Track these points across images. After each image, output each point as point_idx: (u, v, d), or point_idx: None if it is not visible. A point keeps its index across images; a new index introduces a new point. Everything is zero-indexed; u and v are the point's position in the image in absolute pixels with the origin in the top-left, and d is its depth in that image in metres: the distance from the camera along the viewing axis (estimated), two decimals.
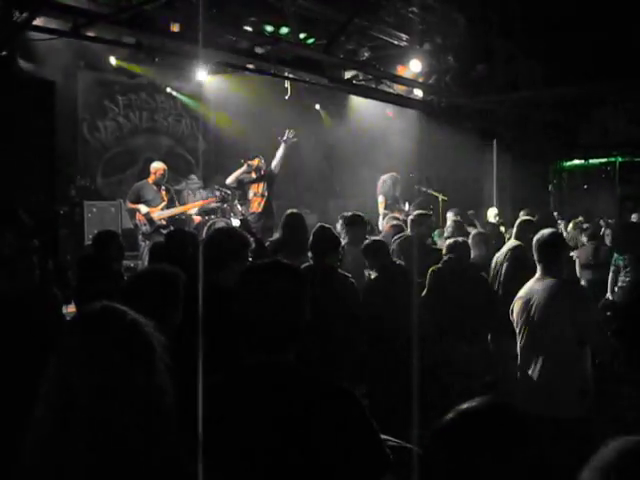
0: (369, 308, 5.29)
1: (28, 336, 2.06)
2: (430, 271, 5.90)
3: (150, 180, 9.37)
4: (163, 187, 9.41)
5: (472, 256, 6.30)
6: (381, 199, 10.94)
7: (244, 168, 9.87)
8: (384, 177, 11.07)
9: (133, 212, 9.35)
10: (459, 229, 7.97)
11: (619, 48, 10.49)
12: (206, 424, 1.69)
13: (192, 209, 10.11)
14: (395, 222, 7.83)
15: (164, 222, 9.26)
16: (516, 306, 4.42)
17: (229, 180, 9.91)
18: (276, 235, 6.82)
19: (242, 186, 10.06)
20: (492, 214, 11.79)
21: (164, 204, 9.30)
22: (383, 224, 8.83)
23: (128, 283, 3.37)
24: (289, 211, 6.74)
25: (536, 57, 11.28)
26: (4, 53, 6.75)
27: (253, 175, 9.89)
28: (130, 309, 1.55)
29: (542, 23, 10.45)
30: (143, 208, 9.14)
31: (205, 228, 9.46)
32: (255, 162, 9.81)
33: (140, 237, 9.30)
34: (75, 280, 5.92)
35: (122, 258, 6.25)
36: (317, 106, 14.11)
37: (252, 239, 4.39)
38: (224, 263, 3.84)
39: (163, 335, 1.59)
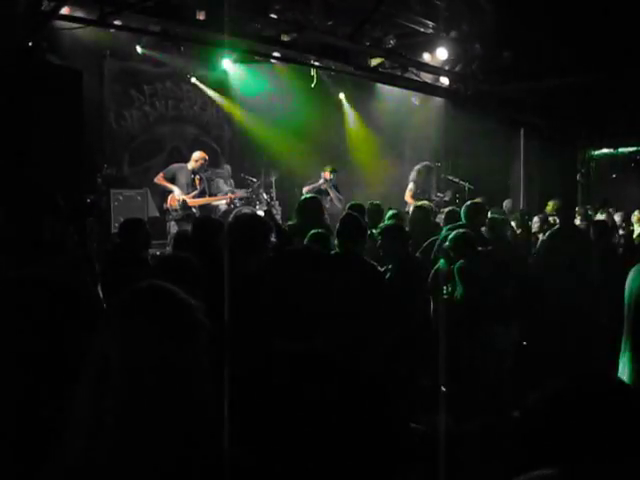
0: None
1: (68, 318, 2.07)
2: None
3: (189, 166, 9.48)
4: (198, 176, 9.50)
5: None
6: (411, 186, 10.81)
7: (321, 181, 10.34)
8: (418, 166, 10.97)
9: (165, 190, 9.41)
10: None
11: None
12: None
13: (221, 200, 10.15)
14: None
15: (194, 210, 9.35)
16: None
17: (305, 189, 10.20)
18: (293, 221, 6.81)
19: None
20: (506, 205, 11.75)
21: (196, 192, 9.39)
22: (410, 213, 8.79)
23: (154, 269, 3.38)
24: (304, 196, 6.75)
25: (564, 44, 11.11)
26: (31, 43, 6.79)
27: (323, 187, 10.27)
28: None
29: (570, 9, 10.27)
30: (177, 191, 9.23)
31: (231, 216, 9.50)
32: (327, 175, 10.28)
33: (169, 224, 9.37)
34: (101, 268, 5.95)
35: (149, 246, 6.26)
36: (341, 95, 14.03)
37: (274, 227, 4.41)
38: (247, 250, 3.85)
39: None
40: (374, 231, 6.27)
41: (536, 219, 9.99)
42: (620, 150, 15.28)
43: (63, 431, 1.45)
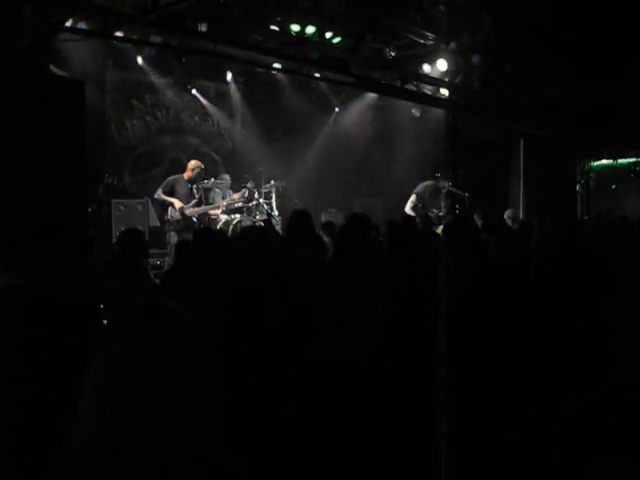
0: None
1: (71, 333, 2.10)
2: None
3: (185, 176, 9.53)
4: (195, 186, 9.52)
5: None
6: (413, 198, 10.91)
7: None
8: (427, 182, 11.15)
9: (164, 204, 9.44)
10: None
11: None
12: None
13: (219, 208, 10.14)
14: None
15: (194, 220, 9.37)
16: None
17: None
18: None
19: None
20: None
21: (194, 202, 9.41)
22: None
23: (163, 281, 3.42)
24: (295, 209, 6.83)
25: (563, 55, 11.15)
26: (34, 54, 6.83)
27: None
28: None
29: (568, 20, 10.32)
30: (177, 203, 9.26)
31: (231, 227, 9.53)
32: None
33: (169, 234, 9.37)
34: (102, 278, 5.96)
35: (146, 256, 6.28)
36: (336, 109, 14.12)
37: (275, 237, 4.44)
38: (248, 260, 3.90)
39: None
40: None
41: None
42: (620, 161, 15.28)
43: (64, 438, 1.47)
